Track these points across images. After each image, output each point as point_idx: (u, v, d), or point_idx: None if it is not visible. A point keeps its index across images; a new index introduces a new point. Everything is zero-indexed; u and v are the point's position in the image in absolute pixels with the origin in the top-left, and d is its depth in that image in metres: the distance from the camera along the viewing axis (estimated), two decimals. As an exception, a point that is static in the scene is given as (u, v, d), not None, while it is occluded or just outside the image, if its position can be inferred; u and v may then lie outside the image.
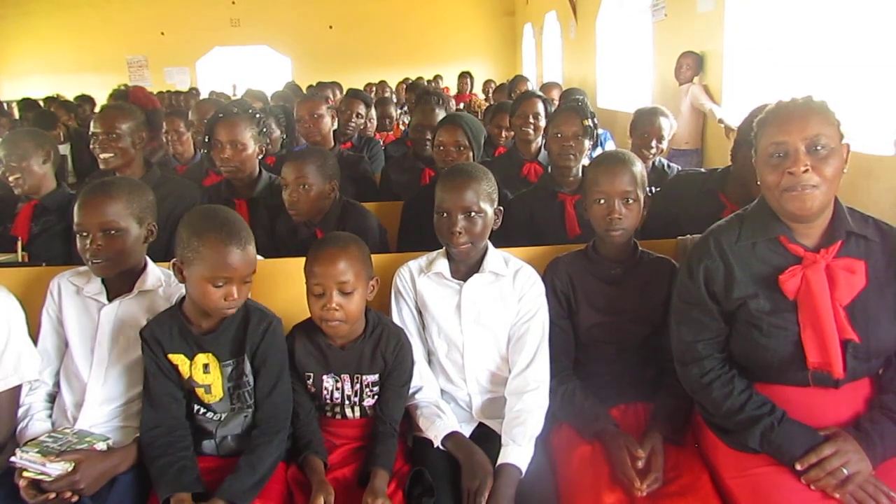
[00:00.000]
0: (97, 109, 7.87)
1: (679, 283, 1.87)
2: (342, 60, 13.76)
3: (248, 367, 1.88)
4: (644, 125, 3.34)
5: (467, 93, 9.66)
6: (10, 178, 2.81)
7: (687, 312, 1.83)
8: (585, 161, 2.83)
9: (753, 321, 1.74)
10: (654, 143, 3.33)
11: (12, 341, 1.90)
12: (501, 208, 2.10)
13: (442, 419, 1.94)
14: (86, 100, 8.05)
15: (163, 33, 14.67)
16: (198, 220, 1.81)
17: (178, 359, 1.86)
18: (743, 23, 5.02)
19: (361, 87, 8.05)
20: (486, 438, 1.94)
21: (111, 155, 2.75)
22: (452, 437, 1.90)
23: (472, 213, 1.98)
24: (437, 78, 10.84)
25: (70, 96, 9.32)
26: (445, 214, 2.00)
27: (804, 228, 1.71)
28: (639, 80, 7.54)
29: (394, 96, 8.60)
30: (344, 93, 6.07)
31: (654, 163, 3.45)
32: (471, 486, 1.76)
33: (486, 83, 9.40)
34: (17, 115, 7.94)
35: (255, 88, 6.85)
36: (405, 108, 7.41)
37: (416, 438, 1.98)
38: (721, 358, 1.82)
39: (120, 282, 2.03)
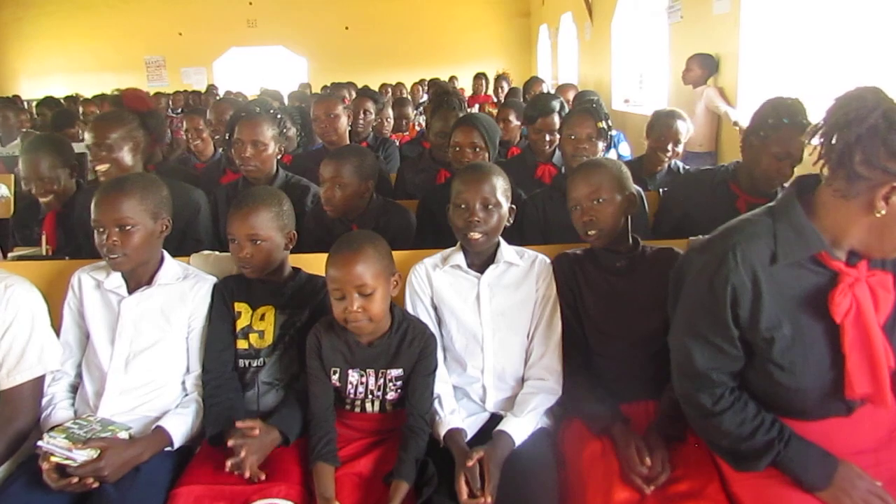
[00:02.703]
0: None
1: (693, 294, 1.67)
2: (358, 61, 13.83)
3: (299, 318, 2.10)
4: (661, 128, 3.36)
5: (482, 94, 9.67)
6: (34, 191, 2.85)
7: (702, 334, 1.64)
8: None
9: (775, 355, 1.60)
10: (670, 147, 3.35)
11: (35, 333, 1.94)
12: (514, 207, 2.14)
13: (441, 419, 1.97)
14: (106, 98, 8.11)
15: (180, 34, 14.81)
16: None
17: (242, 307, 2.11)
18: (759, 24, 5.01)
19: (377, 88, 8.11)
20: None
21: (107, 166, 2.62)
22: (450, 434, 1.94)
23: (490, 206, 2.04)
24: (452, 79, 10.86)
25: (88, 95, 9.42)
26: (463, 206, 2.05)
27: (839, 236, 1.55)
28: (654, 82, 7.55)
29: (409, 97, 8.63)
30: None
31: (669, 165, 3.47)
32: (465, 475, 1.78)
33: (498, 79, 9.31)
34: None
35: (271, 89, 6.94)
36: (420, 109, 7.44)
37: None
38: (734, 386, 1.69)
39: (138, 275, 2.09)
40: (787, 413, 1.67)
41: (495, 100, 8.80)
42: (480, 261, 2.11)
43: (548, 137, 3.56)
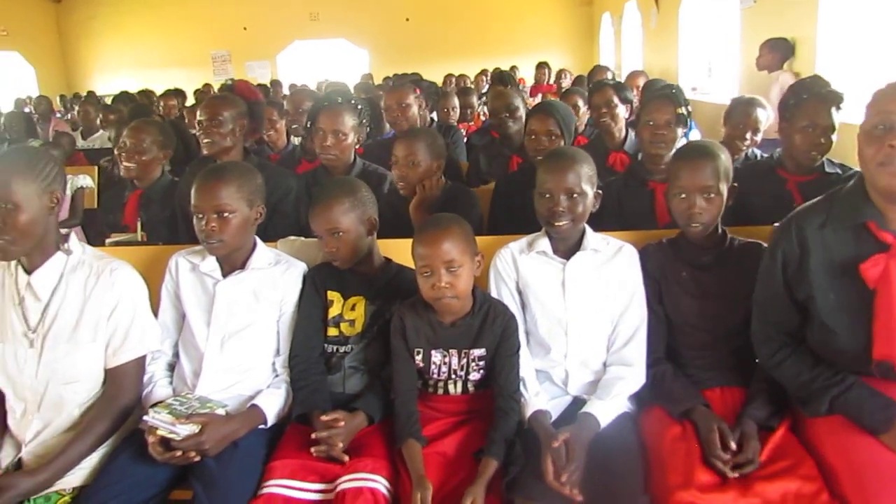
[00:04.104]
0: (188, 103, 8.23)
1: (762, 264, 1.91)
2: (418, 52, 13.89)
3: (389, 310, 2.14)
4: (740, 115, 3.29)
5: (545, 83, 9.61)
6: (124, 163, 3.02)
7: (764, 292, 1.89)
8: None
9: (821, 317, 1.75)
10: (748, 135, 3.28)
11: (138, 315, 2.04)
12: (600, 192, 2.13)
13: (526, 400, 2.00)
14: (177, 93, 8.37)
15: (245, 28, 15.13)
16: None
17: (334, 295, 2.17)
18: (838, 7, 4.86)
19: (439, 79, 8.14)
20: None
21: (212, 140, 2.86)
22: (535, 415, 1.96)
23: (575, 195, 2.04)
24: (513, 68, 10.82)
25: (158, 90, 9.71)
26: (548, 195, 2.06)
27: (894, 212, 1.67)
28: (723, 70, 7.38)
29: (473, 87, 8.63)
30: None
31: (746, 153, 3.40)
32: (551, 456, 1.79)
33: (560, 73, 9.28)
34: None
35: (337, 81, 7.04)
36: (483, 99, 7.45)
37: None
38: (792, 339, 1.87)
39: (232, 259, 2.17)
40: (850, 371, 1.79)
41: (557, 90, 8.74)
42: (566, 247, 2.12)
43: (605, 110, 3.66)
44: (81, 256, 2.02)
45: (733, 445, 1.78)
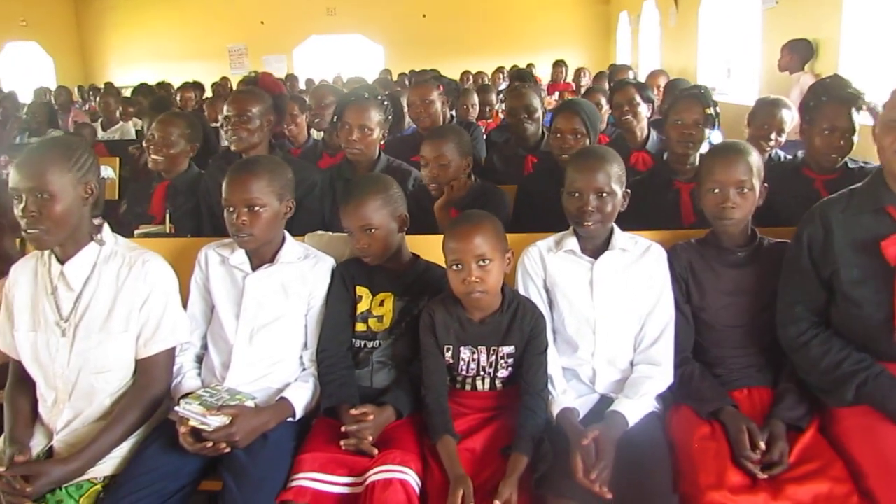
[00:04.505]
0: (206, 96, 8.26)
1: (788, 250, 2.01)
2: (435, 49, 13.84)
3: (417, 306, 2.14)
4: (765, 116, 3.28)
5: (562, 81, 9.58)
6: (152, 156, 3.03)
7: (790, 276, 1.98)
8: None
9: (845, 291, 1.86)
10: (773, 136, 3.26)
11: (169, 306, 2.05)
12: (629, 191, 2.13)
13: (554, 398, 2.01)
14: (196, 86, 8.41)
15: (262, 22, 15.15)
16: None
17: (363, 291, 2.18)
18: (862, 8, 4.82)
19: (454, 76, 8.13)
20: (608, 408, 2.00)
21: (241, 137, 2.87)
22: (563, 413, 1.97)
23: (604, 194, 2.04)
24: (529, 66, 10.77)
25: (174, 83, 9.76)
26: (577, 194, 2.06)
27: None
28: (743, 70, 7.34)
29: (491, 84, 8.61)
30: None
31: (770, 155, 3.38)
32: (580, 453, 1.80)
33: (578, 71, 9.24)
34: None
35: (358, 76, 7.03)
36: (500, 96, 7.44)
37: None
38: (818, 321, 1.94)
39: (262, 253, 2.18)
40: (876, 356, 1.85)
41: (574, 88, 8.71)
42: (594, 246, 2.12)
43: (627, 108, 3.66)
44: (114, 247, 2.04)
45: (762, 445, 1.79)
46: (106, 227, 2.05)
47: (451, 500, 1.72)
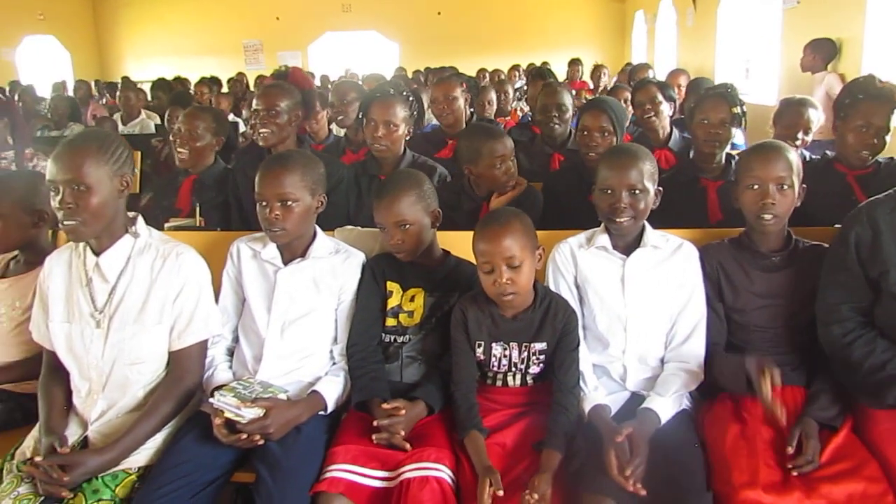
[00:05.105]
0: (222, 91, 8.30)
1: (830, 252, 2.00)
2: (450, 46, 13.83)
3: (448, 302, 2.15)
4: (791, 116, 3.26)
5: (578, 80, 9.54)
6: (178, 149, 3.06)
7: (834, 277, 1.96)
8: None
9: (894, 292, 1.84)
10: (799, 135, 3.25)
11: (203, 299, 2.06)
12: (661, 189, 2.13)
13: (585, 395, 2.01)
14: (213, 81, 8.43)
15: (278, 18, 15.21)
16: None
17: (394, 286, 2.18)
18: (887, 7, 4.79)
19: (470, 74, 8.10)
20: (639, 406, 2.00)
21: (270, 130, 2.86)
22: (595, 410, 1.97)
23: (637, 191, 2.04)
24: (544, 64, 10.75)
25: (190, 78, 9.79)
26: (610, 191, 2.06)
27: None
28: (763, 70, 7.30)
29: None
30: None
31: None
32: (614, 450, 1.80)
33: (596, 69, 9.18)
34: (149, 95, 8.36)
35: (377, 73, 7.05)
36: (517, 94, 7.42)
37: None
38: (864, 321, 1.93)
39: (293, 248, 2.19)
40: None
41: (591, 86, 8.67)
42: (625, 243, 2.12)
43: (649, 107, 3.68)
44: (148, 240, 2.05)
45: (791, 448, 1.79)
46: (140, 219, 2.07)
47: (480, 491, 1.72)
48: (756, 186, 2.03)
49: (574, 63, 9.77)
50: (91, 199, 1.87)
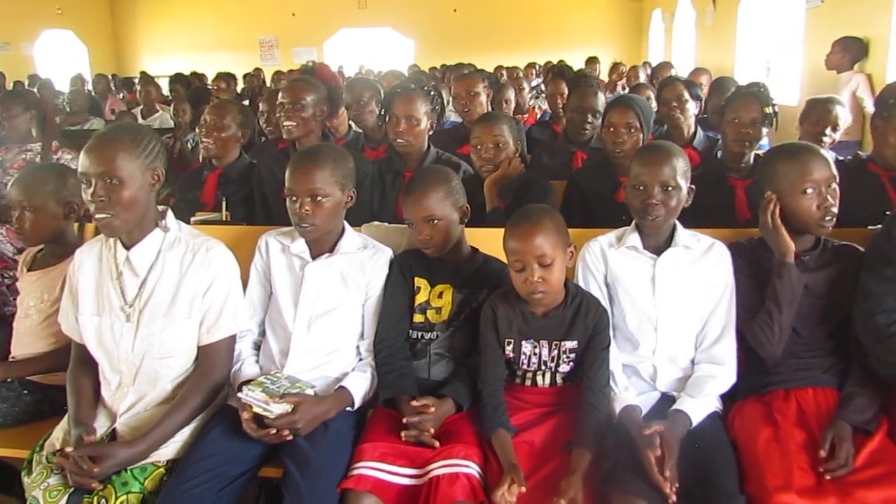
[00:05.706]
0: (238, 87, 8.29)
1: (873, 247, 2.00)
2: (465, 43, 13.84)
3: (476, 299, 2.14)
4: (819, 113, 3.23)
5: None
6: (203, 139, 3.07)
7: (880, 270, 1.95)
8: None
9: None
10: (827, 131, 3.21)
11: (232, 294, 2.06)
12: (693, 187, 2.11)
13: (616, 395, 1.99)
14: (228, 76, 8.44)
15: (293, 14, 15.24)
16: None
17: (422, 282, 2.18)
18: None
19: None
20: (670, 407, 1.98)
21: (294, 124, 2.89)
22: (625, 410, 1.95)
23: (669, 188, 2.02)
24: (560, 63, 10.70)
25: (207, 73, 9.81)
26: (642, 188, 2.04)
27: None
28: (784, 69, 7.24)
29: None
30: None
31: (824, 154, 3.33)
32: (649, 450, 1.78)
33: (614, 66, 9.11)
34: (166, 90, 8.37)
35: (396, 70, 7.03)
36: (534, 92, 7.40)
37: None
38: None
39: (322, 243, 2.18)
40: None
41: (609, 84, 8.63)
42: (656, 242, 2.10)
43: (675, 104, 3.68)
44: (178, 234, 2.05)
45: (823, 452, 1.77)
46: (170, 213, 2.07)
47: (499, 488, 1.71)
48: (811, 189, 1.98)
49: (591, 61, 9.74)
50: (123, 193, 1.87)
